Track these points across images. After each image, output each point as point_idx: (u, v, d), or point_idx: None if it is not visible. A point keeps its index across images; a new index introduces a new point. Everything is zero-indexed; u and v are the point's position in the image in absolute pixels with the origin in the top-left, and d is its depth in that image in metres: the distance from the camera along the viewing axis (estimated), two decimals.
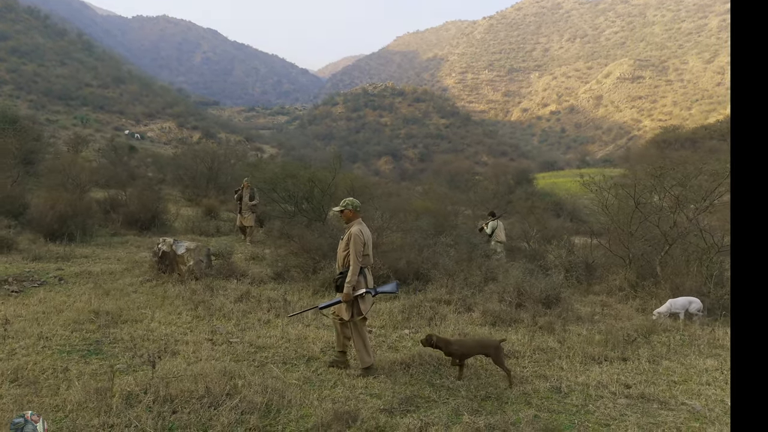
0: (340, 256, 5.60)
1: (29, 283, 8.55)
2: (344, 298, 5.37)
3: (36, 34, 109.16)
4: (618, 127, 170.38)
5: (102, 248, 11.78)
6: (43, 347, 5.78)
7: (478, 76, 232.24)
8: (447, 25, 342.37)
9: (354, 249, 5.38)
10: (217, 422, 4.12)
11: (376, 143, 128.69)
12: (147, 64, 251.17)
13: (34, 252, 10.45)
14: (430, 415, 4.41)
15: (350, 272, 5.36)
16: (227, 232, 14.95)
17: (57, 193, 12.36)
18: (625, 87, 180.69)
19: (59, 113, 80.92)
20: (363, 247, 5.44)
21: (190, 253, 8.96)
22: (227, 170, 22.09)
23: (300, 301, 8.08)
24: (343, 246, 5.55)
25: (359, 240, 5.41)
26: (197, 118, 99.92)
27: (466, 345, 5.55)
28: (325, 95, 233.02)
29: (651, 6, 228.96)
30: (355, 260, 5.38)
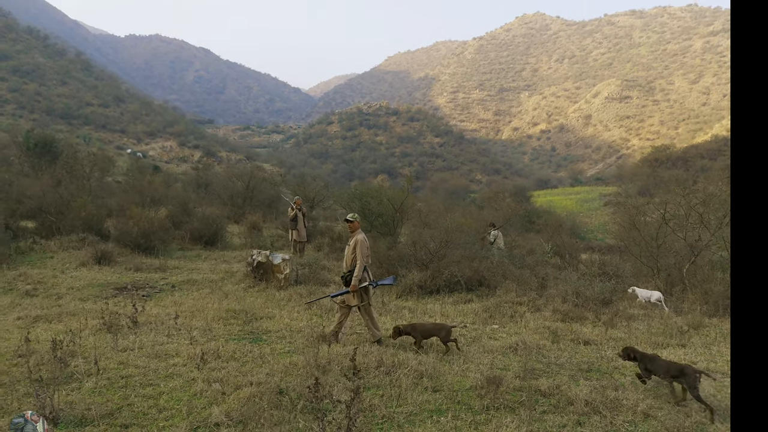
0: (348, 258, 7.14)
1: (150, 289, 9.80)
2: (352, 288, 6.92)
3: (36, 53, 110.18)
4: (607, 145, 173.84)
5: (184, 261, 13.01)
6: (213, 336, 7.05)
7: (469, 96, 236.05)
8: (437, 45, 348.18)
9: (361, 252, 7.00)
10: (402, 382, 5.43)
11: (372, 161, 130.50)
12: (139, 82, 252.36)
13: (132, 263, 11.67)
14: (556, 380, 5.75)
15: (357, 269, 6.94)
16: (281, 246, 16.21)
17: (140, 211, 13.62)
18: (613, 106, 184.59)
19: (62, 132, 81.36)
20: (367, 250, 6.98)
21: (285, 263, 10.25)
22: (263, 189, 23.39)
23: (390, 303, 9.39)
24: (350, 250, 7.14)
25: (365, 245, 7.08)
26: (197, 136, 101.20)
27: (425, 328, 6.89)
28: (317, 114, 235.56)
29: (636, 28, 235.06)
30: (361, 260, 6.98)
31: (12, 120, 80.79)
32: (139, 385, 5.29)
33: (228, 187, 22.43)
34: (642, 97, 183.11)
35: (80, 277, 10.50)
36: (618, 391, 5.50)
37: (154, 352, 6.29)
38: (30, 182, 17.74)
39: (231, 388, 5.23)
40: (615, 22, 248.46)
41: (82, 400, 4.84)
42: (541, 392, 5.40)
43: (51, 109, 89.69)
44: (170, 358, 6.09)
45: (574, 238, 27.48)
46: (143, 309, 7.75)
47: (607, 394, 5.31)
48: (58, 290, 9.44)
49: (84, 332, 6.90)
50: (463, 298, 9.81)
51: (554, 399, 5.28)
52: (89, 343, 6.42)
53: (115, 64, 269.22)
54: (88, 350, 6.16)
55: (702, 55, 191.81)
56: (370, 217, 13.63)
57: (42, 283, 9.86)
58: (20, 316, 7.71)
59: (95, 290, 9.59)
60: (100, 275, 10.74)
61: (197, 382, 5.35)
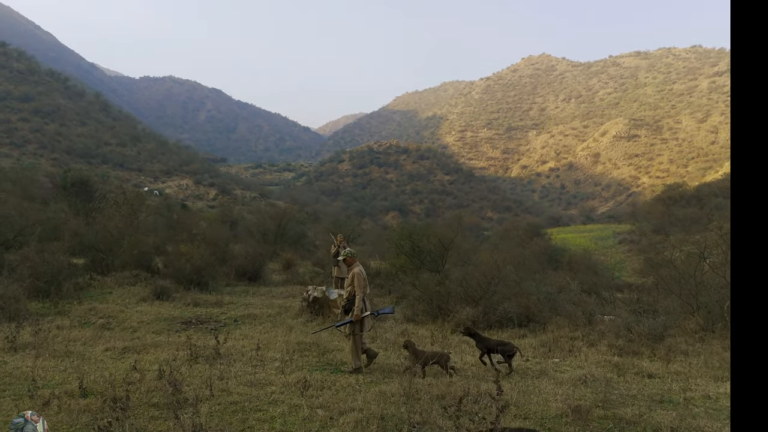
0: (346, 290, 7.67)
1: (215, 323, 10.22)
2: (355, 318, 7.39)
3: (57, 95, 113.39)
4: (617, 183, 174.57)
5: (235, 296, 13.46)
6: (297, 367, 7.44)
7: (477, 134, 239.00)
8: (445, 85, 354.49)
9: (358, 284, 7.50)
10: (492, 410, 5.78)
11: (382, 199, 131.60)
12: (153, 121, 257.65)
13: (189, 299, 12.13)
14: (634, 409, 6.08)
15: (357, 300, 7.46)
16: (320, 282, 16.65)
17: (191, 248, 14.18)
18: (621, 145, 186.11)
19: (81, 171, 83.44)
20: (364, 282, 7.51)
21: (342, 298, 10.67)
22: (290, 227, 23.96)
23: (448, 337, 9.75)
24: (348, 282, 7.70)
25: (361, 277, 7.56)
26: (212, 174, 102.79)
27: (427, 356, 7.32)
28: (327, 152, 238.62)
29: (642, 68, 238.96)
30: (360, 292, 7.46)
31: (33, 159, 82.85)
32: (249, 410, 5.68)
33: (261, 225, 23.04)
34: (650, 136, 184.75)
35: (146, 311, 10.95)
36: (697, 419, 5.83)
37: (248, 380, 6.68)
38: (77, 220, 18.36)
39: (336, 413, 5.61)
40: (620, 63, 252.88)
41: (207, 423, 5.23)
42: (626, 420, 5.72)
43: (71, 149, 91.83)
44: (266, 386, 6.48)
45: (599, 276, 27.74)
46: (224, 341, 8.16)
47: (689, 422, 5.64)
48: (131, 323, 9.88)
49: (174, 362, 7.31)
50: (517, 333, 10.16)
51: (640, 427, 5.60)
52: (185, 372, 6.83)
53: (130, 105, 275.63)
54: (187, 378, 6.57)
55: (708, 94, 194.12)
56: (420, 255, 14.04)
57: (113, 317, 10.31)
58: (108, 347, 8.14)
59: (164, 324, 10.02)
60: (163, 310, 11.19)
61: (302, 408, 5.72)
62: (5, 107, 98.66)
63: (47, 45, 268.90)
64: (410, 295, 11.92)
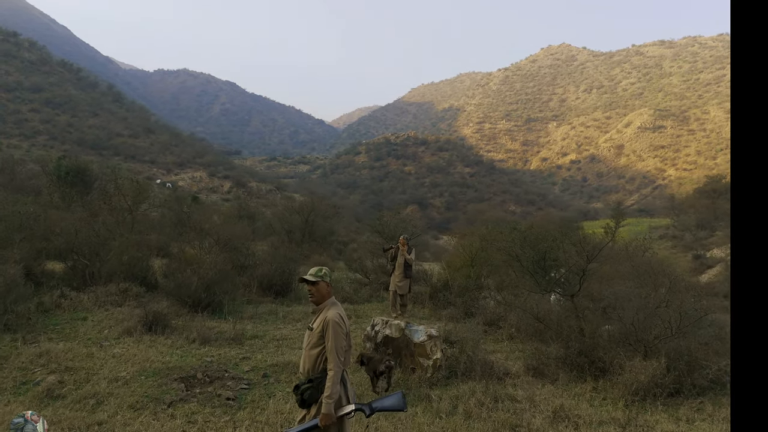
0: (309, 354, 3.70)
1: (233, 383, 6.39)
2: (323, 421, 3.46)
3: (69, 86, 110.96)
4: (641, 176, 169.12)
5: (261, 323, 9.66)
6: None
7: (496, 126, 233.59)
8: (461, 77, 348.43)
9: (335, 344, 3.58)
10: None
11: (401, 192, 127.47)
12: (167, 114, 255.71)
13: (194, 331, 8.33)
14: None
15: (330, 380, 3.49)
16: (368, 298, 12.79)
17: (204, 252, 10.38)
18: (646, 136, 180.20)
19: (92, 163, 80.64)
20: (345, 341, 3.68)
21: (434, 343, 6.78)
22: (320, 223, 20.17)
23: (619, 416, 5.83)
24: (314, 339, 3.68)
25: (340, 330, 3.63)
26: (226, 167, 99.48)
27: None
28: (341, 145, 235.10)
29: (667, 58, 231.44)
30: (336, 361, 3.54)
31: (44, 151, 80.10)
32: None
33: (285, 220, 19.20)
34: (676, 127, 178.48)
35: (126, 356, 7.18)
36: None
37: None
38: (60, 215, 14.71)
39: None
40: (644, 53, 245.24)
41: None
42: None
43: (82, 140, 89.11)
44: None
45: None
46: None
47: None
48: (96, 385, 6.10)
49: None
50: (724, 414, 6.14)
51: None
52: None
53: (144, 98, 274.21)
54: None
55: None
56: (551, 270, 9.52)
57: (72, 370, 6.54)
58: None
59: (151, 384, 6.24)
60: (154, 353, 7.41)
61: None
62: (16, 98, 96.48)
63: (62, 39, 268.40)
64: (514, 324, 7.95)
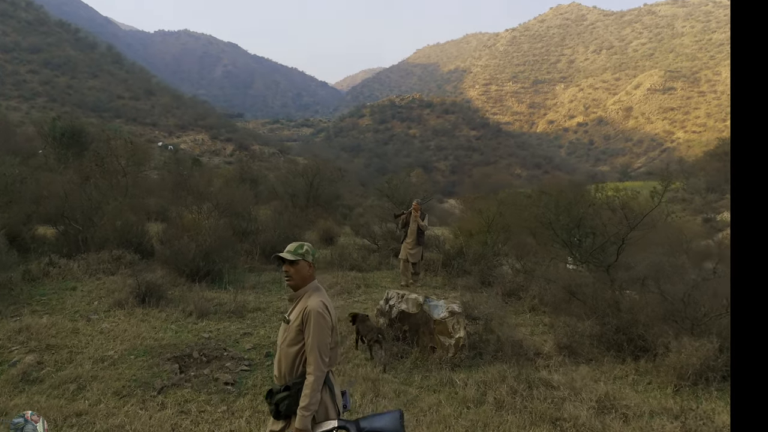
0: (286, 352, 2.94)
1: (232, 363, 5.73)
2: None
3: (67, 47, 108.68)
4: (650, 138, 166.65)
5: (263, 293, 9.00)
6: None
7: (502, 88, 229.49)
8: (467, 37, 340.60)
9: (317, 340, 2.84)
10: None
11: (405, 155, 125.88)
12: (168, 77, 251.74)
13: (191, 303, 7.66)
14: None
15: (309, 386, 2.79)
16: (377, 266, 12.10)
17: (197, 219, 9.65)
18: (656, 98, 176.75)
19: (93, 125, 79.52)
20: (330, 337, 2.93)
21: (457, 319, 6.07)
22: (325, 186, 19.39)
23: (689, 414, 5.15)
24: (292, 334, 2.91)
25: (324, 324, 2.88)
26: (228, 129, 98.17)
27: None
28: (345, 108, 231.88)
29: (679, 17, 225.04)
30: (318, 363, 2.83)
31: (43, 112, 78.90)
32: None
33: (289, 183, 18.41)
34: (687, 89, 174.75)
35: (115, 332, 6.52)
36: None
37: None
38: (52, 178, 13.98)
39: None
40: (656, 12, 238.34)
41: None
42: None
43: (82, 102, 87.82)
44: None
45: None
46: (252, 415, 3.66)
47: None
48: (79, 367, 5.44)
49: None
50: None
51: None
52: None
53: (145, 60, 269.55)
54: None
55: None
56: (586, 238, 8.58)
57: (53, 348, 5.89)
58: None
59: (141, 365, 5.58)
60: (146, 328, 6.76)
61: None
62: (14, 59, 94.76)
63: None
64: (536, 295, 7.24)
